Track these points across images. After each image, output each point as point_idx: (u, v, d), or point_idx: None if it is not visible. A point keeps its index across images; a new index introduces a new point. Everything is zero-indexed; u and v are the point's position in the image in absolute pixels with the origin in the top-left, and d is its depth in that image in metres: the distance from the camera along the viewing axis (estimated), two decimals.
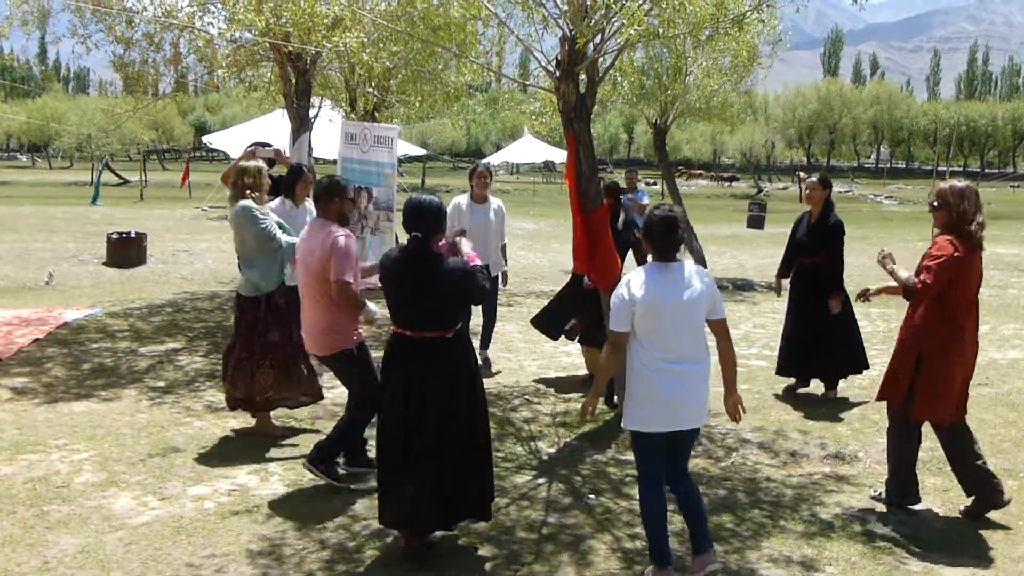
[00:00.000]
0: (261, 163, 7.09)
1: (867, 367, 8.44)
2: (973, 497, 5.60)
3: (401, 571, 4.77)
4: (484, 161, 9.29)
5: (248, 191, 6.76)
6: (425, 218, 4.83)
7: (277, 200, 8.36)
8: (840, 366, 8.36)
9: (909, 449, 5.67)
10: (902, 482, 5.70)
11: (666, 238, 4.63)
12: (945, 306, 5.40)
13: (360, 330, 5.97)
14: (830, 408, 7.98)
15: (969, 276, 5.43)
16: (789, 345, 8.43)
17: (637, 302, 4.52)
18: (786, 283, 8.66)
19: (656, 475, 4.69)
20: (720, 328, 4.71)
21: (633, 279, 4.60)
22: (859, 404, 8.12)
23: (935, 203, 5.51)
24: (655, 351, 4.55)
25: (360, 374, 5.88)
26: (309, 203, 8.50)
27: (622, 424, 4.75)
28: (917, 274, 5.41)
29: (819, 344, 8.18)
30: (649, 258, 4.77)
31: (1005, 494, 5.54)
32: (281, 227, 6.75)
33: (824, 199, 8.22)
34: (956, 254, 5.31)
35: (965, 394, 5.64)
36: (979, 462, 5.57)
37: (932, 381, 5.45)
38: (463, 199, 9.07)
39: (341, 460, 6.10)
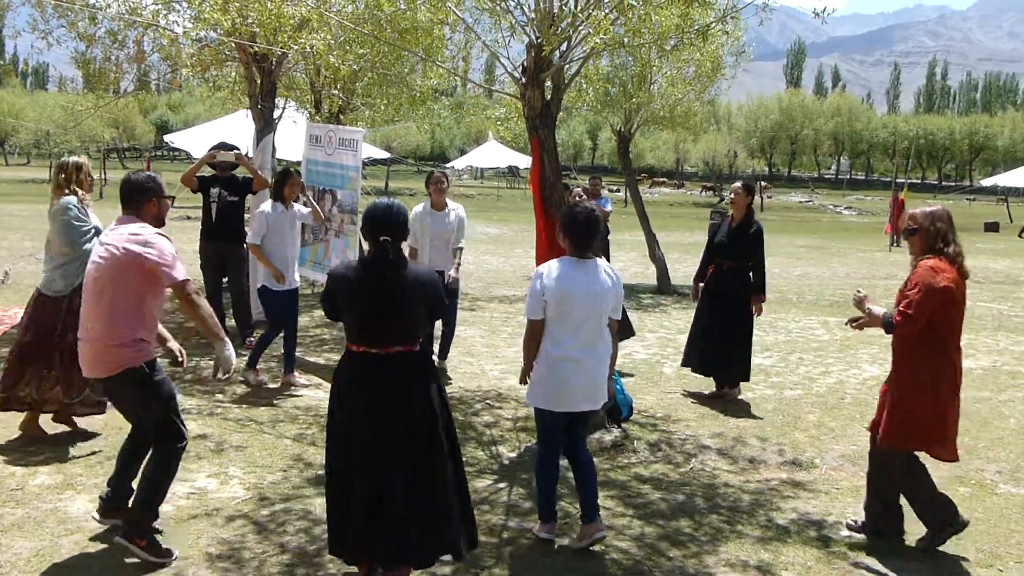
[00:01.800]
0: (83, 159, 6.72)
1: (747, 380, 8.63)
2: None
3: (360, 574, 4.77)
4: (442, 167, 8.98)
5: (68, 188, 6.47)
6: (395, 223, 4.47)
7: (268, 203, 8.39)
8: (732, 372, 8.52)
9: (923, 480, 5.36)
10: (939, 513, 5.31)
11: (587, 235, 5.05)
12: (936, 340, 5.12)
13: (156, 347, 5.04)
14: (788, 415, 8.08)
15: (957, 304, 5.14)
16: (693, 340, 8.69)
17: (549, 292, 4.95)
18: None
19: (553, 448, 5.22)
20: (614, 327, 5.25)
21: (547, 271, 5.02)
22: (816, 412, 8.24)
23: (909, 228, 5.28)
24: (559, 338, 5.00)
25: (157, 398, 4.89)
26: (298, 206, 8.51)
27: (526, 399, 5.31)
28: (898, 306, 5.12)
29: (720, 346, 8.40)
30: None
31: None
32: (98, 232, 6.34)
33: (747, 205, 8.44)
34: (940, 281, 5.00)
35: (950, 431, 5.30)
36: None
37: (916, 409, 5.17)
38: (423, 207, 8.96)
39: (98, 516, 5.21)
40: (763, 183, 62.76)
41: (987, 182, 58.42)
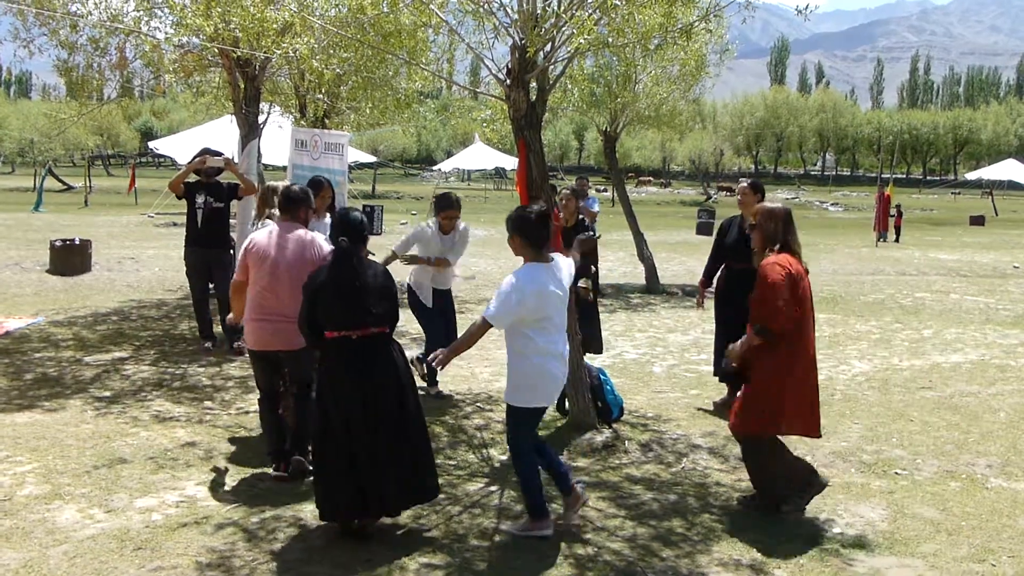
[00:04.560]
0: (279, 184, 7.15)
1: None
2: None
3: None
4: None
5: (270, 210, 7.01)
6: (351, 227, 5.30)
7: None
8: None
9: (777, 459, 5.73)
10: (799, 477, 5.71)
11: (542, 231, 5.21)
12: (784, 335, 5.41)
13: None
14: None
15: (795, 292, 5.38)
16: (718, 347, 8.32)
17: (527, 307, 5.09)
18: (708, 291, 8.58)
19: (529, 440, 5.37)
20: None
21: (519, 282, 5.10)
22: None
23: (750, 223, 5.66)
24: (546, 337, 5.21)
25: (313, 359, 6.04)
26: (327, 217, 8.41)
27: (508, 400, 5.35)
28: (753, 311, 5.43)
29: None
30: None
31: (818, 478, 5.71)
32: None
33: (756, 204, 8.10)
34: (775, 275, 5.31)
35: (802, 412, 5.62)
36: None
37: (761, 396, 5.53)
38: (434, 224, 8.35)
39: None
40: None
41: (971, 176, 58.70)
